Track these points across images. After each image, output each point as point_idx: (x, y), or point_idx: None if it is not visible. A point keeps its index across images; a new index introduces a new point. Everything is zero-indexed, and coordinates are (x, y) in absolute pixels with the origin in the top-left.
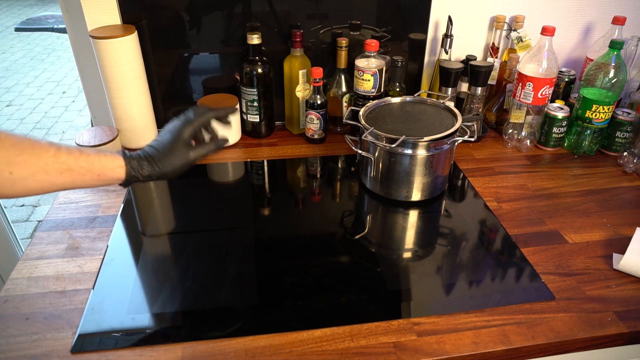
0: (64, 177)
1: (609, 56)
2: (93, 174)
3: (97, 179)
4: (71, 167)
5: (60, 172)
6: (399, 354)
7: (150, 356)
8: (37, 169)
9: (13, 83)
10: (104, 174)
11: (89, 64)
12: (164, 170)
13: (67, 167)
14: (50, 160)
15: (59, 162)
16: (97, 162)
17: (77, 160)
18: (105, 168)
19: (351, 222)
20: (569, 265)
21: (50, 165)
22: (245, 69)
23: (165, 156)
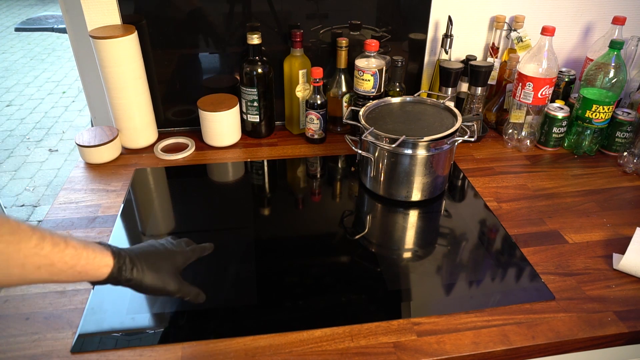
0: (41, 272)
1: (609, 56)
2: (74, 271)
3: (75, 276)
4: (53, 262)
5: (38, 266)
6: (399, 354)
7: (150, 356)
8: (12, 262)
9: (13, 83)
10: (85, 272)
11: (89, 64)
12: (146, 282)
13: (48, 261)
14: (31, 252)
15: (41, 256)
16: (84, 258)
17: (61, 255)
18: (90, 265)
19: (351, 222)
20: (569, 265)
21: (29, 258)
22: (245, 69)
23: (153, 270)
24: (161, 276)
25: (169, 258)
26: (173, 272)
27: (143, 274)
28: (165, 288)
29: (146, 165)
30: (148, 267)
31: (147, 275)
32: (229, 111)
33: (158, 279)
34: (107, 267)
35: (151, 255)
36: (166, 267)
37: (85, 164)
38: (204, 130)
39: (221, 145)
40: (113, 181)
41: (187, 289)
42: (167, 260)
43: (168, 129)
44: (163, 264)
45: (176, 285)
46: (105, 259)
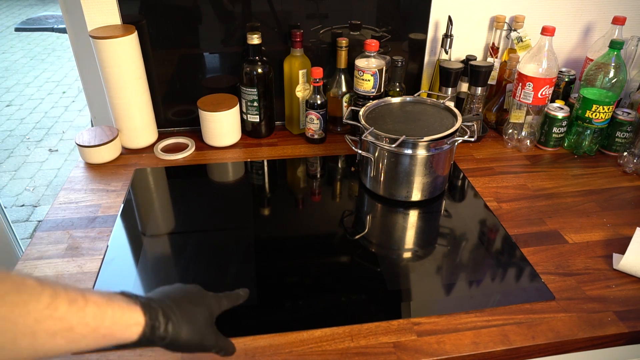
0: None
1: (609, 56)
2: (97, 335)
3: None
4: (72, 325)
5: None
6: (399, 354)
7: (150, 356)
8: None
9: (13, 83)
10: (112, 334)
11: (89, 64)
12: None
13: (65, 325)
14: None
15: (55, 318)
16: (109, 317)
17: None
18: (118, 325)
19: (351, 222)
20: (569, 265)
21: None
22: (245, 69)
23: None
24: (198, 328)
25: (204, 304)
26: (209, 321)
27: (179, 329)
28: (202, 343)
29: (146, 165)
30: (183, 317)
31: (184, 328)
32: (229, 111)
33: (195, 332)
34: (138, 326)
35: (184, 301)
36: (202, 316)
37: (85, 164)
38: (204, 130)
39: (221, 145)
40: (113, 181)
41: (223, 342)
42: (202, 306)
43: (168, 129)
44: (198, 312)
45: (213, 338)
46: (134, 316)
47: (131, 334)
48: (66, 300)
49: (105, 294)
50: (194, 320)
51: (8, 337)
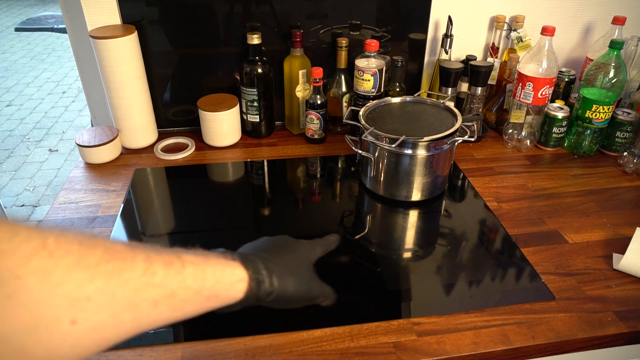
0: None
1: (609, 56)
2: (201, 297)
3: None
4: (173, 291)
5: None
6: (399, 354)
7: (150, 356)
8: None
9: (13, 83)
10: (215, 295)
11: (89, 64)
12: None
13: (167, 292)
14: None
15: (154, 285)
16: (210, 276)
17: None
18: (221, 284)
19: (351, 222)
20: (569, 265)
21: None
22: (245, 69)
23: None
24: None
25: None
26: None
27: (285, 280)
28: (310, 294)
29: (146, 165)
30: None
31: (289, 280)
32: (229, 111)
33: (301, 283)
34: (243, 282)
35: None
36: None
37: (85, 164)
38: (204, 130)
39: (221, 145)
40: (113, 181)
41: (327, 290)
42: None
43: (168, 129)
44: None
45: (318, 287)
46: (236, 272)
47: (236, 292)
48: (162, 264)
49: (199, 253)
50: (297, 270)
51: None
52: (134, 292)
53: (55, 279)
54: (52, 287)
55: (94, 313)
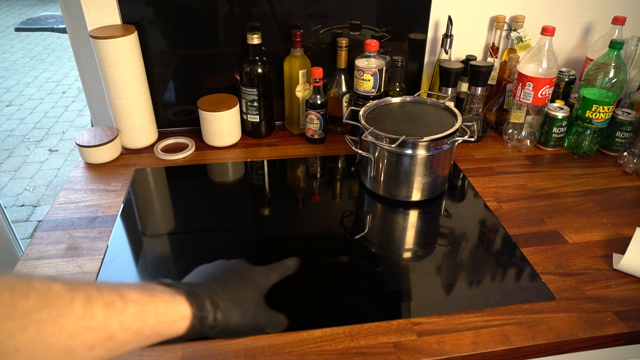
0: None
1: (609, 56)
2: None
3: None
4: (112, 333)
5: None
6: (399, 354)
7: (150, 356)
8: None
9: (13, 83)
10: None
11: (89, 64)
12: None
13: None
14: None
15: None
16: (152, 315)
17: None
18: (163, 323)
19: (351, 222)
20: (569, 265)
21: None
22: (245, 69)
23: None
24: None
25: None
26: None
27: (229, 315)
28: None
29: (146, 165)
30: (232, 301)
31: (234, 313)
32: (229, 111)
33: (246, 316)
34: (185, 320)
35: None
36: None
37: (85, 164)
38: (204, 130)
39: (221, 145)
40: (113, 181)
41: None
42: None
43: (168, 129)
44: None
45: (265, 318)
46: (180, 309)
47: (178, 329)
48: (102, 305)
49: (144, 288)
50: (244, 302)
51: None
52: (69, 337)
53: None
54: None
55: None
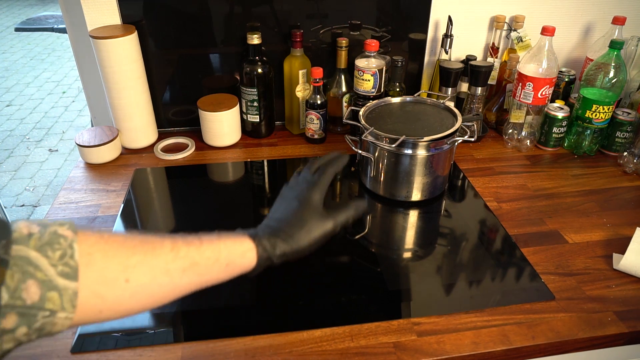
0: (188, 275)
1: (609, 56)
2: (220, 265)
3: (224, 270)
4: (195, 260)
5: (184, 269)
6: (399, 354)
7: (150, 356)
8: (157, 270)
9: (13, 83)
10: (232, 262)
11: (89, 64)
12: (301, 244)
13: (191, 262)
14: (170, 257)
15: (180, 258)
16: (224, 249)
17: (200, 252)
18: (233, 254)
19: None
20: (569, 265)
21: (170, 262)
22: (245, 69)
23: (299, 228)
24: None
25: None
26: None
27: (295, 239)
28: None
29: (146, 165)
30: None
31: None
32: (229, 111)
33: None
34: (252, 251)
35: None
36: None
37: (85, 164)
38: (204, 130)
39: (221, 145)
40: (113, 181)
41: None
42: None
43: (168, 129)
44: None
45: (332, 223)
46: (244, 244)
47: (249, 260)
48: (184, 243)
49: (216, 233)
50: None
51: (150, 276)
52: (166, 262)
53: (110, 254)
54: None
55: (139, 275)
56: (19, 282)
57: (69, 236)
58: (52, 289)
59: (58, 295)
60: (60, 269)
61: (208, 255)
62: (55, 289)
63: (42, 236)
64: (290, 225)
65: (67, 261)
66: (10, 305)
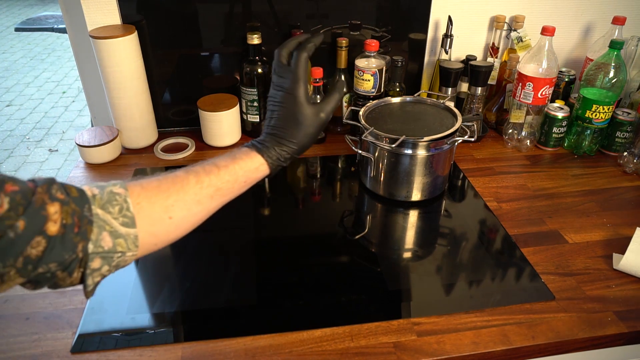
0: (215, 199)
1: (609, 56)
2: (240, 183)
3: (244, 186)
4: (218, 186)
5: (211, 196)
6: (399, 354)
7: (150, 356)
8: (191, 203)
9: (13, 83)
10: (249, 177)
11: (89, 64)
12: (303, 143)
13: (215, 188)
14: (196, 189)
15: (205, 187)
16: (239, 169)
17: (219, 178)
18: (249, 171)
19: (351, 222)
20: (569, 265)
21: (199, 194)
22: (245, 69)
23: (296, 130)
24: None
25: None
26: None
27: (296, 140)
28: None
29: (146, 165)
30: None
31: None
32: (229, 111)
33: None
34: (264, 165)
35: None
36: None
37: (85, 164)
38: (204, 130)
39: (221, 145)
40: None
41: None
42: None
43: (168, 129)
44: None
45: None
46: (256, 160)
47: (263, 172)
48: (205, 174)
49: (230, 155)
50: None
51: (186, 209)
52: (195, 194)
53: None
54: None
55: (178, 211)
56: (97, 235)
57: (122, 193)
58: (119, 236)
59: (124, 241)
60: (121, 220)
61: (227, 179)
62: (121, 236)
63: (102, 196)
64: (287, 129)
65: (125, 213)
66: (95, 252)
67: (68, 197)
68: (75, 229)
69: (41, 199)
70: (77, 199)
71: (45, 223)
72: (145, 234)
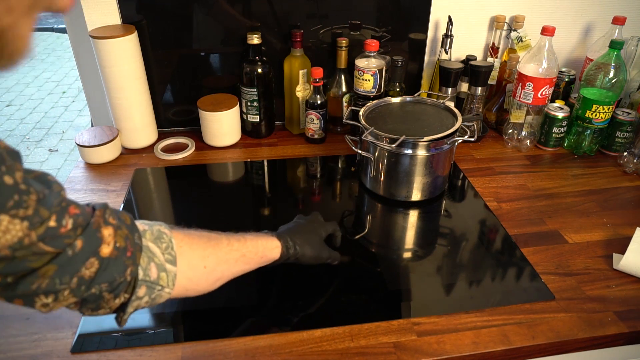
0: (239, 264)
1: (609, 56)
2: (257, 257)
3: (259, 261)
4: (243, 253)
5: (236, 260)
6: (399, 354)
7: (150, 356)
8: (220, 260)
9: (13, 83)
10: (265, 255)
11: (89, 64)
12: (307, 255)
13: (240, 254)
14: (227, 249)
15: (233, 250)
16: (260, 245)
17: (245, 246)
18: (266, 249)
19: (351, 222)
20: (569, 265)
21: (227, 254)
22: (245, 69)
23: (308, 245)
24: (315, 247)
25: (315, 231)
26: (321, 242)
27: (303, 249)
28: (321, 256)
29: (146, 165)
30: (304, 242)
31: (306, 248)
32: (229, 111)
33: (314, 250)
34: (278, 248)
35: (303, 232)
36: (315, 239)
37: (85, 164)
38: (204, 130)
39: (221, 145)
40: (113, 181)
41: (334, 254)
42: (315, 233)
43: (168, 129)
44: (313, 237)
45: (327, 253)
46: (274, 242)
47: (276, 254)
48: (235, 240)
49: (254, 233)
50: (311, 242)
51: (216, 264)
52: (225, 253)
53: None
54: (193, 251)
55: (211, 263)
56: (147, 264)
57: (167, 233)
58: (163, 270)
59: (166, 276)
60: (166, 257)
61: (251, 249)
62: (165, 271)
63: (152, 232)
64: (302, 240)
65: (169, 251)
66: (143, 280)
67: (121, 222)
68: (127, 253)
69: (98, 222)
70: (130, 226)
71: (100, 245)
72: (182, 276)
